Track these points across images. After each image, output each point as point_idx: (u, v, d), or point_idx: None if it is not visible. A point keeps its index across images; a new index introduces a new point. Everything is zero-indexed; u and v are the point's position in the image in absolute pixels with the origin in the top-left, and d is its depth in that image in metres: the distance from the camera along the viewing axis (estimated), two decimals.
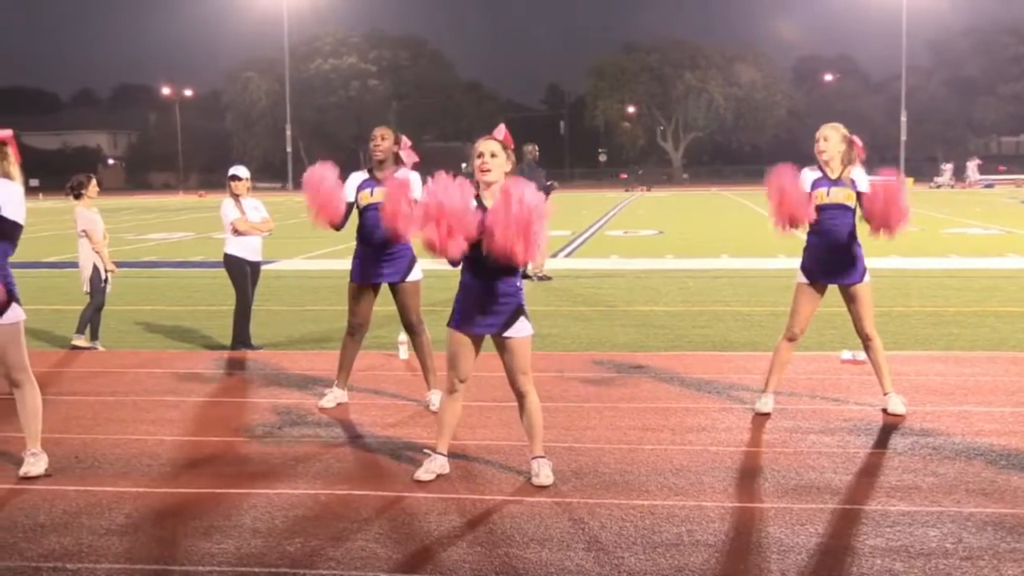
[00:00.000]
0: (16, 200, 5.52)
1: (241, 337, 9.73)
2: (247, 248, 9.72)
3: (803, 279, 6.93)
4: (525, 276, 15.21)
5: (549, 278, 15.66)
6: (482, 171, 5.39)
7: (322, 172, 6.93)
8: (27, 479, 5.68)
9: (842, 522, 4.96)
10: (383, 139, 7.06)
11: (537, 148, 16.20)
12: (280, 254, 21.13)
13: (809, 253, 6.92)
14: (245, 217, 9.64)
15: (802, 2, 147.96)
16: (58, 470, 5.84)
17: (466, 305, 5.47)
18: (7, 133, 5.68)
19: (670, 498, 5.29)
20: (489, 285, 5.40)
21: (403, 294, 7.17)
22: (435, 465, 5.64)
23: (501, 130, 5.52)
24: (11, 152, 5.63)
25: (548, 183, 15.90)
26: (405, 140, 7.18)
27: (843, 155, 6.82)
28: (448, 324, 5.55)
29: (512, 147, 5.53)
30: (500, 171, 5.41)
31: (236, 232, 9.64)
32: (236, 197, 9.68)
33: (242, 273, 9.70)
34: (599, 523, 4.94)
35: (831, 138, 6.80)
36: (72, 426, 6.94)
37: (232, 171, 9.77)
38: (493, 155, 5.39)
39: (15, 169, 5.61)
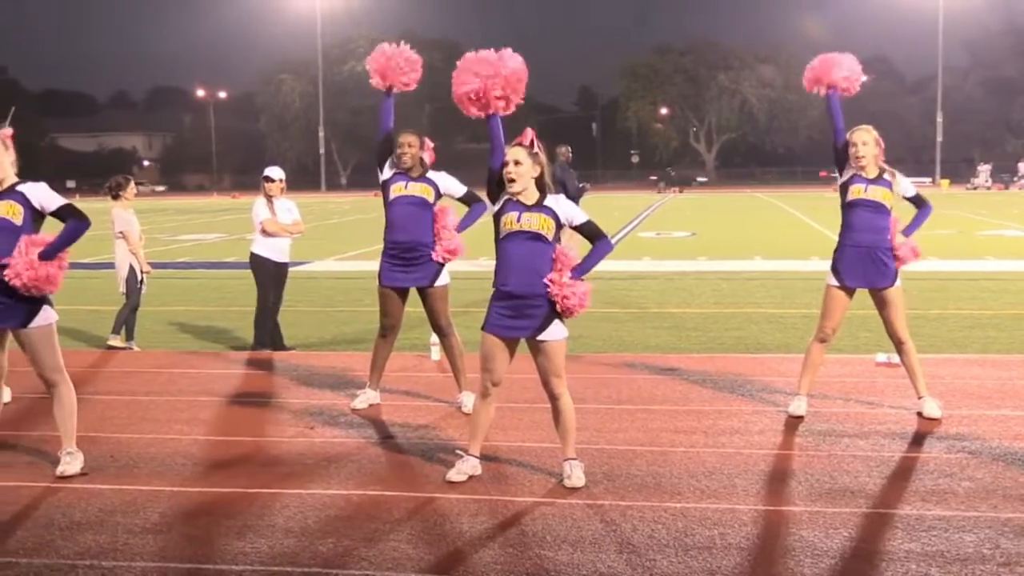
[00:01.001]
0: (46, 193, 5.59)
1: (261, 338, 9.77)
2: (274, 249, 9.77)
3: (833, 281, 6.86)
4: None
5: None
6: (508, 180, 5.40)
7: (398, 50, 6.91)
8: (63, 478, 5.74)
9: (876, 526, 4.92)
10: (410, 146, 7.06)
11: (570, 150, 16.19)
12: (312, 255, 21.23)
13: (840, 254, 6.85)
14: (275, 218, 9.69)
15: (836, 2, 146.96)
16: (94, 469, 5.90)
17: (500, 308, 5.47)
18: (7, 131, 5.73)
19: (702, 501, 5.27)
20: (524, 288, 5.40)
21: (431, 298, 7.17)
22: (467, 467, 5.65)
23: (527, 135, 5.51)
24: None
25: (580, 185, 15.89)
26: (428, 142, 7.18)
27: (875, 157, 6.78)
28: (483, 327, 5.55)
29: (538, 149, 5.49)
30: (527, 178, 5.41)
31: (265, 232, 9.69)
32: (269, 198, 9.74)
33: (266, 273, 9.75)
34: (631, 525, 4.93)
35: (868, 143, 6.74)
36: (107, 425, 7.01)
37: (266, 172, 9.83)
38: (517, 163, 5.38)
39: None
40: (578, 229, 5.48)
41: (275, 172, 9.83)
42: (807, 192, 62.07)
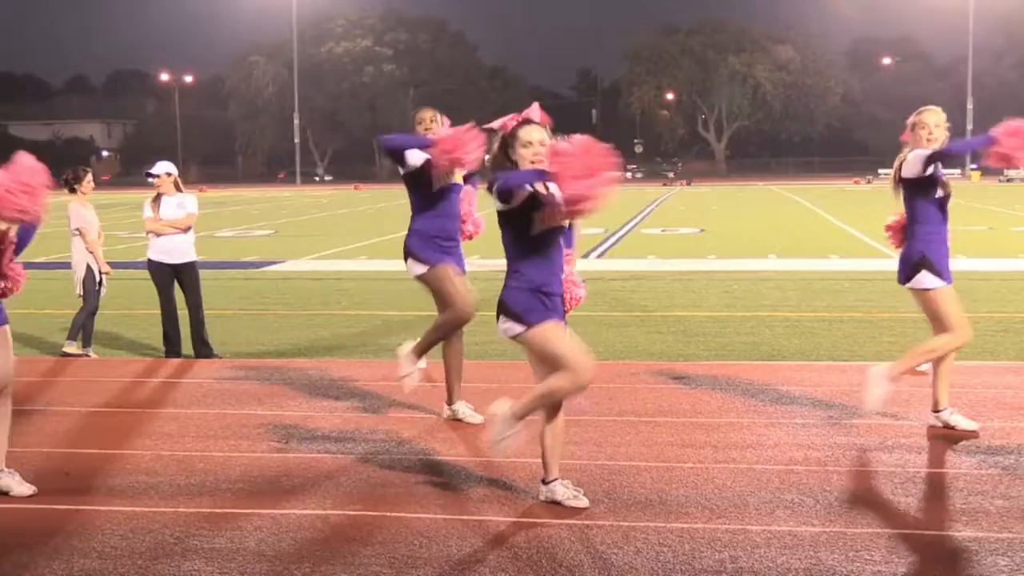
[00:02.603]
0: None
1: (174, 348, 9.90)
2: (165, 251, 9.82)
3: (940, 283, 6.66)
4: None
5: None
6: (536, 163, 5.20)
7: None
8: (11, 497, 5.71)
9: (902, 549, 4.93)
10: (432, 121, 7.04)
11: (567, 138, 16.21)
12: (287, 254, 21.23)
13: (939, 250, 6.66)
14: (156, 216, 9.74)
15: None
16: (47, 488, 5.88)
17: (541, 298, 5.25)
18: None
19: (712, 521, 5.28)
20: (559, 285, 5.35)
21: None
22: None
23: (537, 111, 5.45)
24: None
25: None
26: (446, 119, 7.14)
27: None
28: (539, 321, 5.22)
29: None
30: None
31: (153, 234, 9.80)
32: (158, 196, 9.81)
33: (162, 279, 9.87)
34: (634, 548, 4.93)
35: (941, 125, 6.67)
36: (62, 440, 6.99)
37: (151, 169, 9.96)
38: (543, 143, 5.23)
39: None
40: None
41: (157, 168, 9.98)
42: (825, 184, 62.20)
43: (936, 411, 6.87)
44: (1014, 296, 13.48)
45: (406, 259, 6.98)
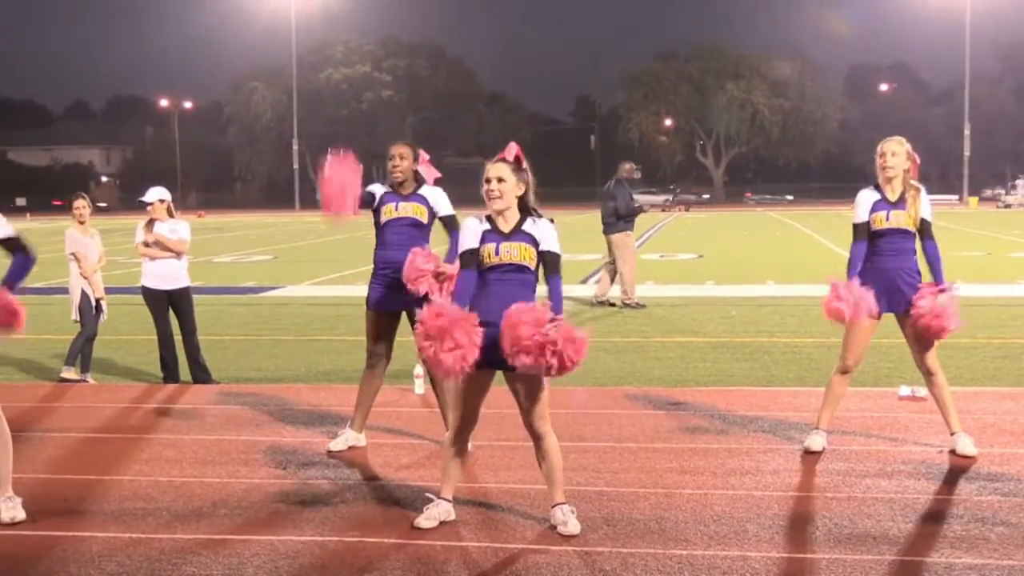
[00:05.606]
0: None
1: (172, 374, 9.90)
2: (159, 277, 9.83)
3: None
4: (620, 304, 15.23)
5: (643, 306, 15.51)
6: (490, 198, 5.44)
7: (340, 162, 7.01)
8: (8, 524, 5.70)
9: (901, 575, 4.91)
10: (402, 159, 7.08)
11: (635, 167, 16.39)
12: (286, 279, 21.24)
13: (863, 279, 6.87)
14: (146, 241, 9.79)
15: (855, 5, 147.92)
16: (44, 514, 5.87)
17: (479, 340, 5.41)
18: None
19: (711, 548, 5.26)
20: (503, 316, 5.38)
21: None
22: (439, 511, 5.61)
23: (512, 149, 5.53)
24: None
25: (637, 205, 16.00)
26: (423, 154, 7.20)
27: (905, 173, 6.81)
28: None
29: (524, 166, 5.53)
30: (511, 196, 5.46)
31: (144, 256, 9.83)
32: (151, 221, 9.82)
33: (157, 306, 9.87)
34: (633, 574, 4.91)
35: (899, 153, 6.76)
36: (59, 466, 6.97)
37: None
38: (500, 179, 5.43)
39: None
40: (542, 255, 5.47)
41: (149, 195, 9.97)
42: (823, 210, 62.31)
43: (951, 434, 6.90)
44: (1012, 322, 13.49)
45: None
